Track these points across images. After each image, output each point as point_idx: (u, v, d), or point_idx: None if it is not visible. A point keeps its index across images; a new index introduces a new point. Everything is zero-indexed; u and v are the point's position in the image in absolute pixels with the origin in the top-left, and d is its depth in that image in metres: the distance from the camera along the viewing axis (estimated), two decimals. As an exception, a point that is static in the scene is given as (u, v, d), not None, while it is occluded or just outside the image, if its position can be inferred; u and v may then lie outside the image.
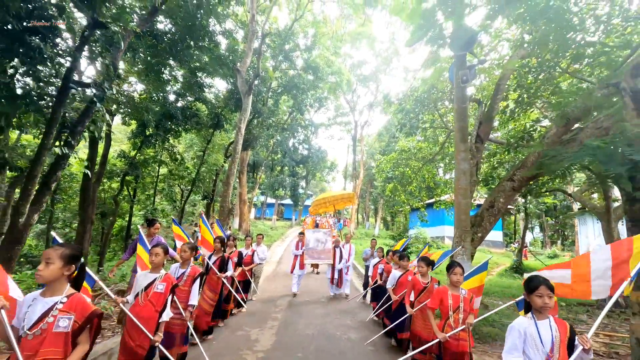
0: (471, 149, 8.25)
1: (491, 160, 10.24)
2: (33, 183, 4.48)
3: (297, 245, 8.85)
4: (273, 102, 16.70)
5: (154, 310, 3.04)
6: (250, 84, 11.50)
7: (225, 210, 11.00)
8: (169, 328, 3.60)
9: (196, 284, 3.87)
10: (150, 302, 3.06)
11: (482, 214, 7.29)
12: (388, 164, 15.27)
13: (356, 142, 30.06)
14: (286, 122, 22.22)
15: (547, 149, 5.33)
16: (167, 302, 3.11)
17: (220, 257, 5.34)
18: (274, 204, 37.36)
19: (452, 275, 3.38)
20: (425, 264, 4.45)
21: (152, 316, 3.02)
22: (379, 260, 7.04)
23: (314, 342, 5.08)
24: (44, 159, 4.49)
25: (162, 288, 3.13)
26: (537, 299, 2.25)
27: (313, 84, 16.08)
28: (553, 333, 2.22)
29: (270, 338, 5.11)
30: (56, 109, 4.59)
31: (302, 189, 34.41)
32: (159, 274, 3.22)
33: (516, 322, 2.33)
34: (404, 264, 5.36)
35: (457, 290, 3.40)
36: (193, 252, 4.01)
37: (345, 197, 13.42)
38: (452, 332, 3.21)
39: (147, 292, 3.09)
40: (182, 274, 3.89)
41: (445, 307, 3.33)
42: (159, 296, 3.10)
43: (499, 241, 22.51)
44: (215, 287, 5.17)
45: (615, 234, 8.77)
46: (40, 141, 4.55)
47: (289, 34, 14.79)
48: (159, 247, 3.30)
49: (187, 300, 3.80)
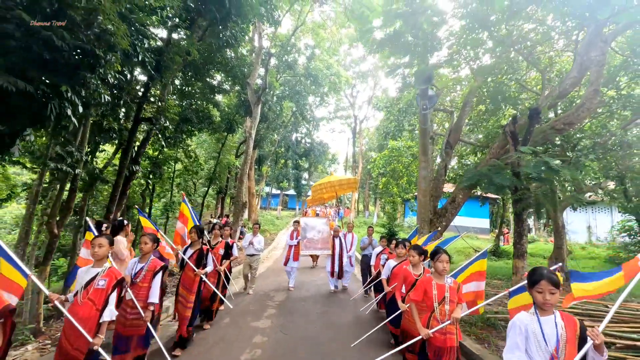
0: (441, 154, 10.17)
1: (460, 161, 12.12)
2: (117, 190, 6.46)
3: (291, 235, 8.15)
4: (277, 107, 18.53)
5: (95, 309, 2.73)
6: (259, 95, 13.35)
7: (239, 204, 13.03)
8: (125, 330, 3.38)
9: (157, 279, 3.50)
10: (90, 300, 2.74)
11: (446, 207, 9.22)
12: (381, 161, 17.19)
13: (356, 136, 31.92)
14: (289, 121, 24.11)
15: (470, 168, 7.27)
16: (108, 299, 2.79)
17: (197, 250, 4.59)
18: (278, 194, 39.57)
19: (438, 263, 3.11)
20: (417, 253, 4.08)
21: (92, 316, 2.72)
22: (382, 250, 6.50)
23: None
24: (124, 172, 6.46)
25: (104, 284, 2.80)
26: (538, 294, 2.08)
27: (313, 90, 17.88)
28: (558, 330, 2.02)
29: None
30: (131, 137, 6.54)
31: (305, 180, 36.45)
32: (101, 268, 2.89)
33: (517, 318, 2.15)
34: (400, 252, 4.94)
35: (442, 279, 3.13)
36: (154, 244, 3.69)
37: (350, 182, 12.28)
38: (438, 327, 2.97)
39: (87, 289, 2.79)
40: (141, 268, 3.53)
41: (430, 298, 3.06)
42: (100, 293, 2.77)
43: (487, 228, 24.47)
44: (191, 286, 4.43)
45: (560, 222, 10.66)
46: (119, 161, 6.53)
47: (291, 45, 16.54)
48: (103, 237, 2.98)
49: (146, 297, 3.45)
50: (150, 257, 3.62)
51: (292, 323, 5.56)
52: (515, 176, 4.88)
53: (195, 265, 4.47)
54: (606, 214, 17.57)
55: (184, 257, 4.52)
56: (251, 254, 7.38)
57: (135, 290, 3.41)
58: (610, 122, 9.24)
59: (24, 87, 2.43)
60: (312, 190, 11.01)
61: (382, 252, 6.40)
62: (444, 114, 12.02)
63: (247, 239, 7.47)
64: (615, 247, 13.44)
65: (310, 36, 20.12)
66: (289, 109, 20.77)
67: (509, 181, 4.96)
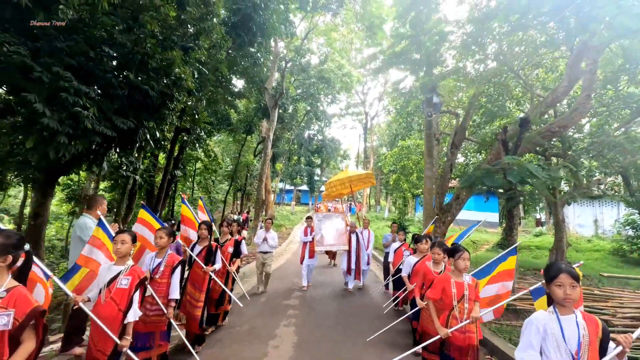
0: (447, 154, 10.96)
1: (466, 158, 12.87)
2: (162, 191, 7.56)
3: (305, 232, 7.84)
4: (292, 109, 19.51)
5: (117, 309, 2.67)
6: (276, 100, 14.33)
7: (259, 201, 14.12)
8: (145, 327, 3.29)
9: (176, 274, 3.44)
10: (112, 300, 2.69)
11: (451, 203, 10.04)
12: (391, 158, 17.99)
13: (367, 132, 32.68)
14: (303, 120, 25.09)
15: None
16: (132, 299, 2.73)
17: (206, 247, 4.47)
18: (292, 190, 40.71)
19: (460, 261, 3.05)
20: (443, 251, 3.95)
21: (115, 316, 2.66)
22: (401, 245, 6.35)
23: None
24: (167, 177, 7.55)
25: (127, 283, 2.74)
26: (557, 289, 1.96)
27: (326, 92, 18.80)
28: (580, 331, 1.91)
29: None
30: (172, 146, 7.62)
31: (317, 176, 37.45)
32: (124, 266, 2.82)
33: (534, 317, 2.04)
34: (422, 248, 4.76)
35: (461, 277, 3.09)
36: (171, 239, 3.61)
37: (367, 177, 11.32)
38: (457, 325, 2.94)
39: (109, 288, 2.73)
40: (159, 264, 3.45)
41: (449, 296, 3.02)
42: (123, 292, 2.72)
43: (496, 222, 25.01)
44: (200, 284, 4.30)
45: (561, 216, 11.34)
46: (164, 167, 7.64)
47: (305, 49, 17.43)
48: (126, 233, 2.89)
49: (167, 293, 3.38)
50: (167, 251, 3.54)
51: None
52: (505, 179, 5.71)
53: (203, 263, 4.33)
54: (613, 208, 17.97)
55: (191, 254, 4.38)
56: (265, 251, 6.99)
57: (155, 287, 3.34)
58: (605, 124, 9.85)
59: (131, 125, 3.43)
60: (325, 187, 10.45)
61: (400, 247, 6.26)
62: (450, 116, 12.75)
63: (260, 235, 7.07)
64: (618, 240, 13.97)
65: (321, 37, 20.97)
66: (302, 109, 21.70)
67: (499, 183, 5.79)
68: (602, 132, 9.24)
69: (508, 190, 6.00)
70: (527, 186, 7.14)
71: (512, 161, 5.22)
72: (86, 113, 3.46)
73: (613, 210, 17.84)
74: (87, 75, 3.61)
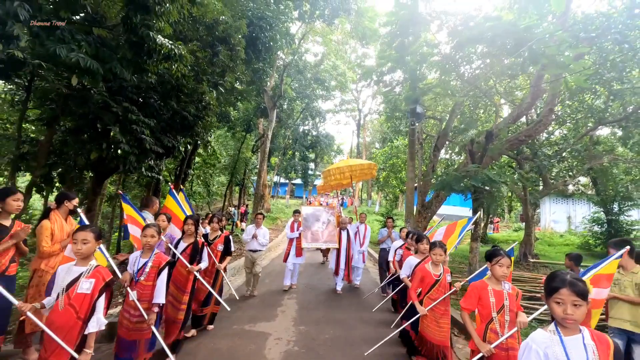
0: (430, 157, 12.17)
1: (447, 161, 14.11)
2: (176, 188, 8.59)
3: (292, 226, 7.14)
4: (289, 108, 20.50)
5: (76, 317, 2.28)
6: (275, 101, 15.32)
7: (258, 196, 15.20)
8: (129, 335, 3.03)
9: (163, 276, 3.15)
10: (71, 306, 2.29)
11: (432, 201, 11.26)
12: (382, 157, 19.17)
13: (360, 129, 33.83)
14: (298, 117, 26.09)
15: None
16: (95, 305, 2.35)
17: (192, 244, 4.08)
18: (286, 183, 41.71)
19: (497, 267, 2.64)
20: (445, 251, 3.62)
21: (73, 325, 2.27)
22: (402, 244, 5.67)
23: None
24: (182, 175, 8.58)
25: (89, 287, 2.36)
26: (556, 306, 1.59)
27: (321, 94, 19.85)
28: (589, 355, 1.52)
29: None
30: (186, 148, 8.65)
31: (311, 171, 38.48)
32: (86, 267, 2.43)
33: (532, 339, 1.66)
34: (423, 248, 4.29)
35: (500, 284, 2.68)
36: (160, 238, 3.32)
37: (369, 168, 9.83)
38: (499, 340, 2.51)
39: (68, 293, 2.32)
40: (144, 264, 3.13)
41: (487, 307, 2.62)
42: (84, 298, 2.33)
43: (480, 217, 26.51)
44: (184, 285, 3.94)
45: (530, 213, 12.68)
46: (179, 167, 8.67)
47: (302, 51, 18.38)
48: (87, 230, 2.47)
49: (151, 297, 3.07)
50: (154, 250, 3.21)
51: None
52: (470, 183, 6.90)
53: (188, 261, 3.92)
54: (584, 206, 19.48)
55: (175, 252, 3.97)
56: (254, 249, 6.27)
57: (139, 290, 3.05)
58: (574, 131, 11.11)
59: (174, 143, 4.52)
60: (323, 175, 9.31)
61: (400, 247, 5.63)
62: (434, 121, 13.93)
63: (250, 232, 6.35)
64: (586, 236, 15.44)
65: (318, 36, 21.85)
66: (298, 107, 22.64)
67: (464, 187, 6.98)
68: (564, 141, 10.50)
69: (474, 192, 7.19)
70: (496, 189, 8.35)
71: (476, 169, 6.36)
72: (148, 139, 4.57)
73: (584, 207, 19.34)
74: (142, 105, 4.71)
